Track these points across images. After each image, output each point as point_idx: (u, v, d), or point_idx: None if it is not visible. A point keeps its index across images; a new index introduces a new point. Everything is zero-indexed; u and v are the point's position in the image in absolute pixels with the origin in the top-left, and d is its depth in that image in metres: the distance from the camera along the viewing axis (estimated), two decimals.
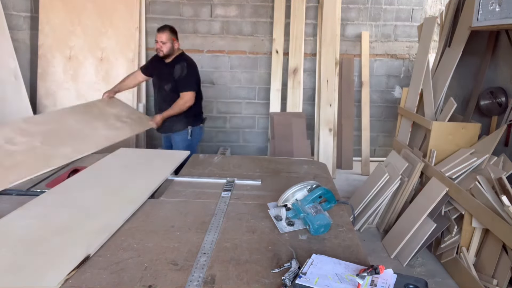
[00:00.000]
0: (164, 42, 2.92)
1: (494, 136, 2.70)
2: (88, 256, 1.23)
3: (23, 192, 1.83)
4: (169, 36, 2.92)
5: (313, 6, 4.34)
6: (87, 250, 1.24)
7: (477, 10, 2.72)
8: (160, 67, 3.05)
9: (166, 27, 2.95)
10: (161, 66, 3.04)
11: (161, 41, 2.92)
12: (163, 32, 2.91)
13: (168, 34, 2.91)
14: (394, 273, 1.13)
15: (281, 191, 1.65)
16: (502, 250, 2.30)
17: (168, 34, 2.91)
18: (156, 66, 3.09)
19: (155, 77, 3.13)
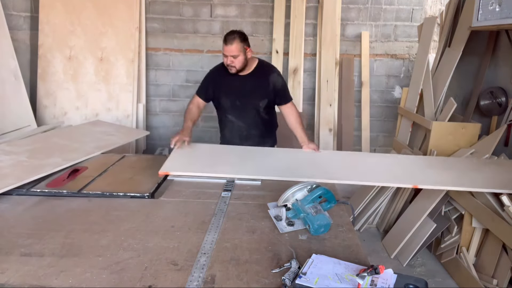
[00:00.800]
0: (235, 55, 2.29)
1: (494, 136, 2.70)
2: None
3: (23, 192, 1.83)
4: (240, 46, 2.29)
5: (313, 6, 4.33)
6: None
7: (477, 10, 2.72)
8: (238, 82, 2.42)
9: (234, 37, 2.27)
10: (239, 81, 2.42)
11: (231, 56, 2.29)
12: (231, 43, 2.26)
13: (238, 44, 2.28)
14: (394, 273, 1.13)
15: (281, 191, 1.65)
16: (502, 250, 2.30)
17: (238, 44, 2.28)
18: (229, 84, 2.44)
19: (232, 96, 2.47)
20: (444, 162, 2.48)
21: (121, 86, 4.11)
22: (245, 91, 2.43)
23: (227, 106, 2.50)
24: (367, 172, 2.22)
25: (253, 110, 2.48)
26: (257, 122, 2.51)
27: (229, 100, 2.48)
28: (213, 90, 2.51)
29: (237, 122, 2.52)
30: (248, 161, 2.23)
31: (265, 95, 2.45)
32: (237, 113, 2.50)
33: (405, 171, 2.27)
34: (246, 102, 2.46)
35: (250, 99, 2.45)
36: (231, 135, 2.60)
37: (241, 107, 2.47)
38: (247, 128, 2.52)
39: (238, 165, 2.18)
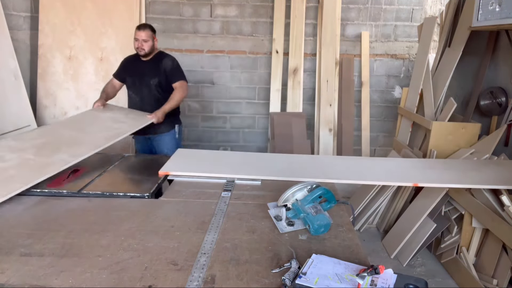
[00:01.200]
0: (145, 40, 2.84)
1: (494, 136, 2.70)
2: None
3: (23, 192, 1.82)
4: (150, 33, 2.86)
5: (313, 6, 4.33)
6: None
7: (477, 10, 2.72)
8: (139, 66, 2.95)
9: (146, 25, 2.90)
10: (140, 65, 2.94)
11: (142, 40, 2.84)
12: (143, 30, 2.84)
13: (149, 31, 2.85)
14: (394, 273, 1.13)
15: (281, 191, 1.65)
16: (502, 250, 2.30)
17: (149, 31, 2.85)
18: (133, 67, 2.98)
19: (133, 77, 2.99)
20: (444, 163, 2.48)
21: None
22: (143, 72, 2.94)
23: (130, 83, 3.03)
24: (367, 172, 2.22)
25: (147, 88, 2.95)
26: (149, 98, 2.95)
27: (131, 79, 3.01)
28: (123, 71, 3.06)
29: (135, 97, 3.02)
30: (248, 163, 2.25)
31: (155, 75, 2.92)
32: (136, 89, 3.00)
33: (405, 171, 2.27)
34: (142, 81, 2.95)
35: (145, 78, 2.94)
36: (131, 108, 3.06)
37: (138, 84, 2.98)
38: (140, 102, 2.98)
39: (238, 166, 2.19)
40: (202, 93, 4.50)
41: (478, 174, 2.23)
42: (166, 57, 2.98)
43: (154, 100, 2.94)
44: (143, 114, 2.79)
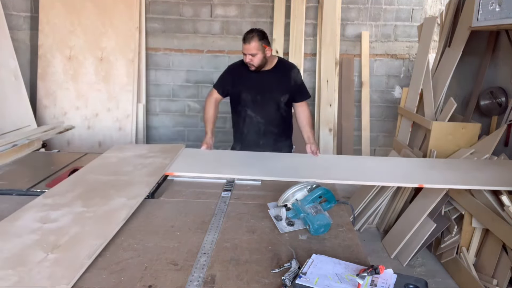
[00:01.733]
0: (253, 54, 2.33)
1: (494, 136, 2.70)
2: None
3: (23, 192, 1.83)
4: (258, 45, 2.32)
5: (313, 6, 4.33)
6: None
7: (477, 10, 2.72)
8: (259, 77, 2.44)
9: (253, 36, 2.32)
10: (261, 77, 2.44)
11: (249, 54, 2.33)
12: (249, 42, 2.31)
13: (256, 42, 2.32)
14: (394, 273, 1.13)
15: (281, 191, 1.65)
16: (502, 250, 2.30)
17: (256, 42, 2.32)
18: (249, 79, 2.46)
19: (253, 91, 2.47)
20: (445, 163, 2.48)
21: (121, 86, 4.11)
22: (267, 86, 2.45)
23: (247, 100, 2.49)
24: (369, 172, 2.22)
25: (274, 105, 2.49)
26: (276, 118, 2.52)
27: (250, 95, 2.48)
28: (232, 84, 2.52)
29: (256, 118, 2.51)
30: (251, 164, 2.25)
31: (286, 90, 2.47)
32: (257, 108, 2.49)
33: (407, 171, 2.27)
34: (267, 97, 2.47)
35: (271, 93, 2.47)
36: (248, 130, 2.57)
37: (261, 102, 2.47)
38: (265, 123, 2.51)
39: (242, 166, 2.19)
40: (202, 93, 4.50)
41: (480, 174, 2.23)
42: (294, 68, 2.52)
43: (280, 120, 2.52)
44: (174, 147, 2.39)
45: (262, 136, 2.55)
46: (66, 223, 1.45)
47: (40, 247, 1.26)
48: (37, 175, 2.06)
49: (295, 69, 2.53)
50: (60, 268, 1.15)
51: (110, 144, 4.01)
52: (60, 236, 1.34)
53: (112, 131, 4.11)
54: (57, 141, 3.99)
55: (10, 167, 2.24)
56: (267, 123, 2.52)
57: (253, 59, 2.35)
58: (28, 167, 2.29)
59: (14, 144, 2.42)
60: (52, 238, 1.32)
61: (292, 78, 2.47)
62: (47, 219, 1.47)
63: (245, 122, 2.55)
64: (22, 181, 1.98)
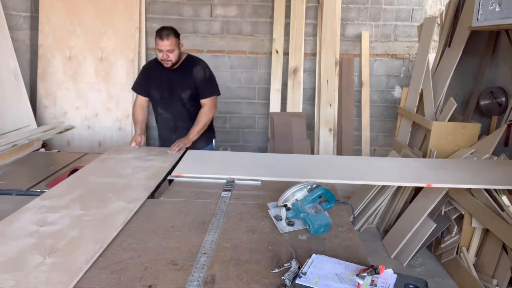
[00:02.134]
0: (171, 50, 2.39)
1: (494, 136, 2.70)
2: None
3: (23, 192, 1.83)
4: (175, 41, 2.40)
5: (313, 6, 4.33)
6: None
7: (477, 10, 2.72)
8: (166, 75, 2.52)
9: (169, 32, 2.38)
10: (167, 75, 2.52)
11: (167, 50, 2.38)
12: (166, 38, 2.35)
13: (173, 39, 2.38)
14: (394, 273, 1.13)
15: (281, 191, 1.65)
16: (502, 250, 2.30)
17: (173, 39, 2.38)
18: (158, 77, 2.55)
19: (160, 89, 2.56)
20: (446, 163, 2.48)
21: (121, 86, 4.11)
22: (171, 83, 2.53)
23: (157, 98, 2.61)
24: (369, 172, 2.22)
25: (179, 102, 2.56)
26: (184, 114, 2.58)
27: (158, 93, 2.58)
28: (147, 83, 2.62)
29: (165, 114, 2.62)
30: (251, 164, 2.26)
31: (187, 86, 2.53)
32: (165, 105, 2.60)
33: (407, 171, 2.27)
34: (171, 94, 2.55)
35: (175, 90, 2.54)
36: (162, 126, 2.71)
37: (168, 99, 2.56)
38: (174, 120, 2.61)
39: (246, 168, 2.20)
40: None
41: (480, 174, 2.23)
42: (197, 65, 2.56)
43: (188, 115, 2.57)
44: (164, 150, 2.44)
45: (173, 131, 2.63)
46: (64, 226, 1.43)
47: (37, 251, 1.25)
48: (37, 175, 2.06)
49: (199, 65, 2.56)
50: (57, 273, 1.13)
51: (110, 144, 4.01)
52: (58, 240, 1.32)
53: (112, 131, 4.11)
54: (57, 141, 3.99)
55: (10, 167, 2.24)
56: (176, 119, 2.60)
57: (170, 55, 2.40)
58: (28, 167, 2.29)
59: (14, 144, 2.43)
60: (50, 241, 1.31)
61: (193, 75, 2.52)
62: (45, 222, 1.45)
63: (157, 118, 2.69)
64: (22, 181, 1.98)
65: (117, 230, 1.42)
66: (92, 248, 1.27)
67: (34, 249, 1.26)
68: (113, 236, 1.37)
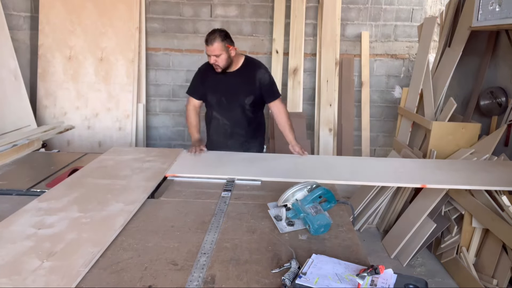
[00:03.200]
0: (218, 55, 2.28)
1: (494, 136, 2.70)
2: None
3: (23, 192, 1.83)
4: (221, 45, 2.28)
5: (313, 6, 4.33)
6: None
7: (477, 10, 2.71)
8: (224, 80, 2.40)
9: (215, 36, 2.27)
10: (226, 79, 2.40)
11: (214, 55, 2.29)
12: (212, 43, 2.26)
13: (219, 43, 2.27)
14: (394, 273, 1.13)
15: (281, 191, 1.65)
16: (502, 250, 2.30)
17: (219, 43, 2.27)
18: (215, 81, 2.43)
19: (218, 94, 2.45)
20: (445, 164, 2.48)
21: (121, 86, 4.11)
22: (231, 88, 2.42)
23: (213, 103, 2.50)
24: (369, 172, 2.22)
25: (239, 108, 2.46)
26: (242, 120, 2.49)
27: (215, 97, 2.47)
28: (202, 87, 2.51)
29: (222, 120, 2.51)
30: (251, 164, 2.25)
31: (251, 92, 2.42)
32: (222, 110, 2.48)
33: (407, 171, 2.27)
34: (231, 100, 2.44)
35: (235, 96, 2.43)
36: (216, 132, 2.59)
37: (226, 104, 2.46)
38: (231, 125, 2.50)
39: (240, 167, 2.19)
40: None
41: (480, 175, 2.23)
42: (259, 68, 2.44)
43: (247, 122, 2.48)
44: (172, 151, 2.38)
45: (229, 137, 2.55)
46: (62, 229, 1.41)
47: (35, 254, 1.24)
48: (37, 175, 2.06)
49: (261, 69, 2.45)
50: (56, 277, 1.13)
51: (110, 144, 4.01)
52: (56, 243, 1.31)
53: (112, 131, 4.11)
54: (57, 141, 3.99)
55: (10, 167, 2.24)
56: (233, 125, 2.50)
57: (218, 60, 2.30)
58: (28, 167, 2.29)
59: (14, 144, 2.43)
60: (48, 245, 1.30)
61: (257, 79, 2.41)
62: (42, 225, 1.44)
63: (211, 123, 2.56)
64: (22, 181, 1.99)
65: (116, 232, 1.41)
66: (91, 251, 1.26)
67: (31, 252, 1.25)
68: (112, 238, 1.36)
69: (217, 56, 2.29)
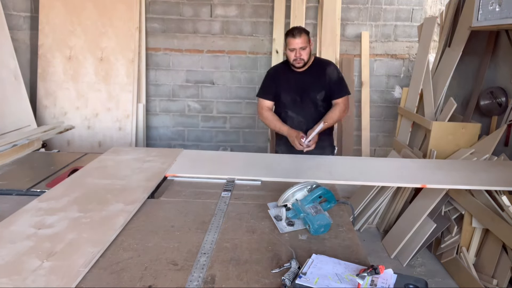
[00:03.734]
0: (303, 47, 2.35)
1: (494, 136, 2.70)
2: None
3: (23, 192, 1.83)
4: (306, 38, 2.36)
5: (313, 6, 4.33)
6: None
7: (477, 10, 2.72)
8: (297, 78, 2.48)
9: (301, 30, 2.35)
10: (298, 77, 2.48)
11: (300, 48, 2.34)
12: (299, 36, 2.32)
13: (305, 36, 2.35)
14: (394, 273, 1.13)
15: (281, 191, 1.65)
16: (502, 250, 2.30)
17: (305, 36, 2.35)
18: (288, 81, 2.50)
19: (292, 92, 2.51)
20: (445, 164, 2.48)
21: (121, 86, 4.11)
22: (304, 85, 2.48)
23: (287, 102, 2.54)
24: (369, 172, 2.22)
25: (313, 104, 2.51)
26: (316, 117, 2.50)
27: (289, 96, 2.52)
28: (275, 88, 2.56)
29: (297, 117, 2.54)
30: (251, 164, 2.26)
31: (322, 87, 2.48)
32: (297, 108, 2.52)
33: (407, 172, 2.27)
34: (305, 97, 2.50)
35: (309, 93, 2.49)
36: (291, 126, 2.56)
37: (301, 102, 2.51)
38: (306, 123, 2.51)
39: (240, 168, 2.19)
40: (202, 93, 4.50)
41: (480, 175, 2.23)
42: (329, 65, 2.53)
43: (320, 118, 2.49)
44: (172, 151, 2.38)
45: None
46: (62, 229, 1.41)
47: (35, 254, 1.24)
48: (37, 175, 2.06)
49: (331, 65, 2.53)
50: (56, 277, 1.12)
51: (110, 144, 4.01)
52: (56, 243, 1.31)
53: (112, 131, 4.11)
54: (57, 141, 3.99)
55: (10, 167, 2.24)
56: (309, 123, 2.50)
57: (303, 53, 2.36)
58: (28, 167, 2.29)
59: (14, 144, 2.42)
60: (48, 245, 1.30)
61: (327, 74, 2.48)
62: (42, 225, 1.44)
63: (286, 122, 2.55)
64: (22, 181, 1.98)
65: (116, 232, 1.41)
66: (91, 251, 1.26)
67: (31, 252, 1.25)
68: (112, 238, 1.36)
69: (303, 49, 2.35)
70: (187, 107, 4.54)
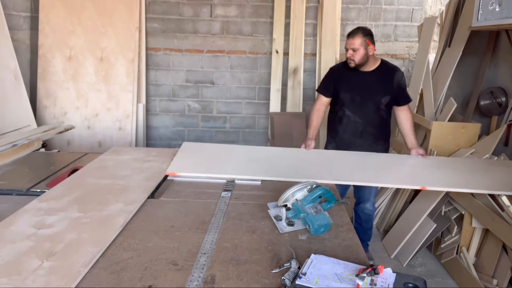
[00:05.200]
0: (355, 49, 2.38)
1: (494, 136, 2.70)
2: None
3: (23, 192, 1.83)
4: (361, 40, 2.37)
5: (313, 6, 4.33)
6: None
7: (477, 10, 2.72)
8: (360, 79, 2.48)
9: (357, 30, 2.41)
10: (362, 78, 2.48)
11: (351, 48, 2.39)
12: (353, 37, 2.39)
13: (360, 38, 2.37)
14: (393, 272, 1.13)
15: (281, 191, 1.65)
16: (502, 250, 2.30)
17: (360, 38, 2.37)
18: (350, 79, 2.51)
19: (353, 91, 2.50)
20: (446, 163, 2.47)
21: (121, 86, 4.11)
22: (367, 86, 2.47)
23: (346, 100, 2.52)
24: (369, 172, 2.22)
25: (373, 107, 2.49)
26: (375, 120, 2.51)
27: (348, 95, 2.51)
28: (334, 85, 2.56)
29: (353, 118, 2.52)
30: (253, 162, 2.26)
31: (388, 92, 2.47)
32: (355, 108, 2.51)
33: (407, 172, 2.27)
34: (366, 98, 2.48)
35: (372, 94, 2.48)
36: (344, 130, 2.58)
37: (360, 102, 2.49)
38: (363, 124, 2.51)
39: (243, 165, 2.20)
40: (202, 93, 4.50)
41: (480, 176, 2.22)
42: (397, 71, 2.52)
43: (379, 121, 2.52)
44: (172, 151, 2.37)
45: (359, 136, 2.55)
46: (62, 229, 1.40)
47: (35, 254, 1.24)
48: (37, 175, 2.06)
49: (399, 72, 2.51)
50: (55, 277, 1.12)
51: (110, 144, 4.01)
52: (56, 243, 1.31)
53: (112, 131, 4.11)
54: (57, 141, 3.99)
55: (10, 167, 2.24)
56: (365, 124, 2.50)
57: (354, 54, 2.38)
58: (28, 167, 2.29)
59: (14, 144, 2.42)
60: (48, 245, 1.30)
61: (395, 81, 2.47)
62: (42, 225, 1.43)
63: (341, 121, 2.56)
64: (22, 181, 1.98)
65: (116, 232, 1.41)
66: (91, 251, 1.26)
67: (31, 252, 1.25)
68: (112, 238, 1.36)
69: (354, 50, 2.38)
70: (187, 107, 4.54)
